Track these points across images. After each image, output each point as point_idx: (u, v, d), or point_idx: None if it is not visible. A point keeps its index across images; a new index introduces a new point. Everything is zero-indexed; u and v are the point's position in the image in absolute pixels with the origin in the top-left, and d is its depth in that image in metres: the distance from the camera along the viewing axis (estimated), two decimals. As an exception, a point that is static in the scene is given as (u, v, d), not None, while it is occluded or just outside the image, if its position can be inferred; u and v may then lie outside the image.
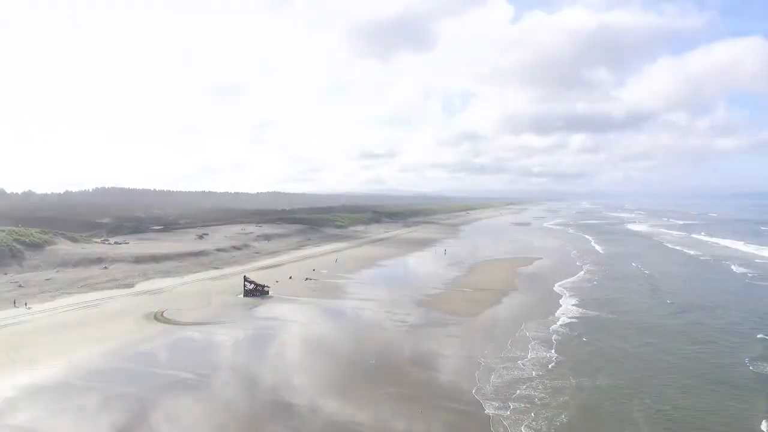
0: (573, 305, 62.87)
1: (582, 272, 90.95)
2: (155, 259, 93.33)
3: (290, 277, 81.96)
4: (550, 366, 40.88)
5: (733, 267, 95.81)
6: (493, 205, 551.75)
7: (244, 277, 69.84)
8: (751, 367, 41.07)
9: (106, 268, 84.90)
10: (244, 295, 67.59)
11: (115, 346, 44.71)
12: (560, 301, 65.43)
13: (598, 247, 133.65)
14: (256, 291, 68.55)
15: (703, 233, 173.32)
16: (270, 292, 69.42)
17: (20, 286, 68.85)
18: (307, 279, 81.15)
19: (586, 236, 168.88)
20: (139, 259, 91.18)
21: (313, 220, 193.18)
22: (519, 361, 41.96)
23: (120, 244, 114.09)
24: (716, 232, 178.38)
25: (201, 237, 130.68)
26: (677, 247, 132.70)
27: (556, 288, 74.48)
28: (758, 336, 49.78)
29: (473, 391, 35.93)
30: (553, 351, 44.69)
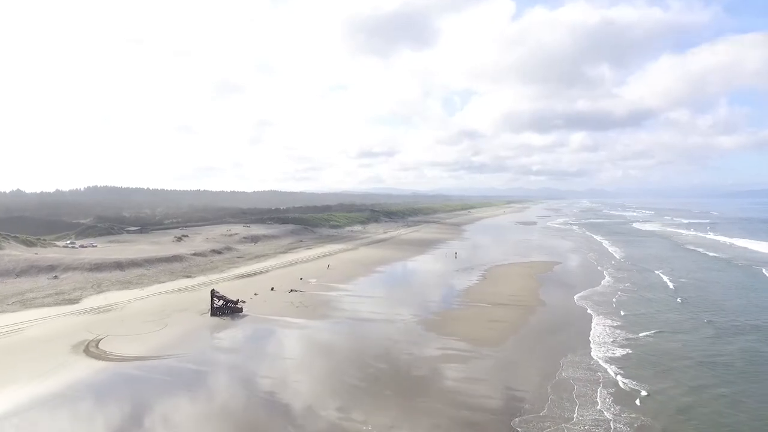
0: (607, 326, 51.33)
1: (605, 280, 79.37)
2: (119, 265, 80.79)
3: (272, 289, 69.49)
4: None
5: (765, 272, 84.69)
6: (493, 204, 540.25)
7: (212, 291, 57.13)
8: None
9: (56, 277, 72.42)
10: (210, 314, 55.05)
11: (5, 399, 32.20)
12: (592, 323, 52.77)
13: (613, 249, 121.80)
14: (226, 308, 56.04)
15: (716, 233, 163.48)
16: (244, 309, 57.06)
17: (-61, 302, 56.39)
18: (291, 291, 68.67)
19: (597, 237, 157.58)
20: (98, 267, 78.60)
21: (307, 219, 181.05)
22: (565, 425, 29.79)
23: (86, 247, 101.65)
24: (728, 231, 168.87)
25: (180, 239, 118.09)
26: (699, 249, 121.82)
27: (582, 301, 62.90)
28: None
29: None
30: (602, 404, 32.76)
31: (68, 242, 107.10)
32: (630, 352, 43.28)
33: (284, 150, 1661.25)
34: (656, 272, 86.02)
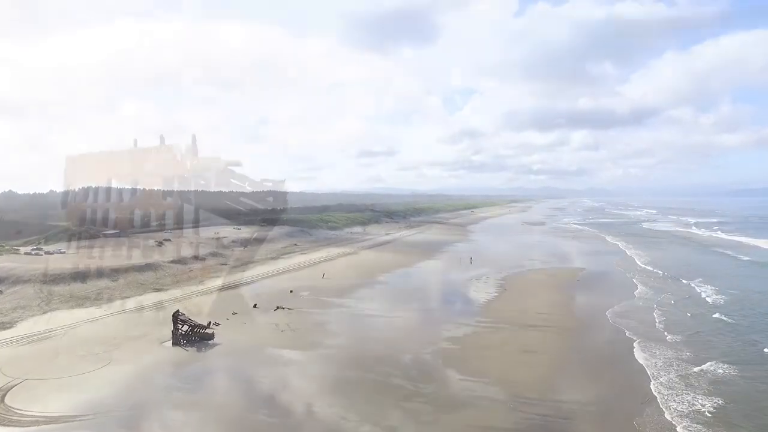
0: (665, 359, 40.83)
1: (638, 291, 69.07)
2: (81, 276, 69.76)
3: (255, 306, 58.46)
4: None
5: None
6: (495, 203, 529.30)
7: (175, 314, 45.86)
8: None
9: (0, 292, 61.50)
10: (173, 343, 44.13)
11: None
12: (644, 352, 42.20)
13: (632, 253, 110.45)
14: (193, 335, 45.04)
15: (733, 233, 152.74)
16: (216, 336, 46.01)
17: None
18: (277, 308, 57.62)
19: (611, 238, 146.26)
20: (56, 278, 67.51)
21: (303, 220, 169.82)
22: None
23: (52, 254, 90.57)
24: (746, 231, 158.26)
25: (160, 244, 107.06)
26: (727, 252, 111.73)
27: (621, 320, 52.60)
28: None
29: None
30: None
31: (33, 248, 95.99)
32: (711, 403, 32.61)
33: (283, 149, 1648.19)
34: (692, 282, 74.47)
